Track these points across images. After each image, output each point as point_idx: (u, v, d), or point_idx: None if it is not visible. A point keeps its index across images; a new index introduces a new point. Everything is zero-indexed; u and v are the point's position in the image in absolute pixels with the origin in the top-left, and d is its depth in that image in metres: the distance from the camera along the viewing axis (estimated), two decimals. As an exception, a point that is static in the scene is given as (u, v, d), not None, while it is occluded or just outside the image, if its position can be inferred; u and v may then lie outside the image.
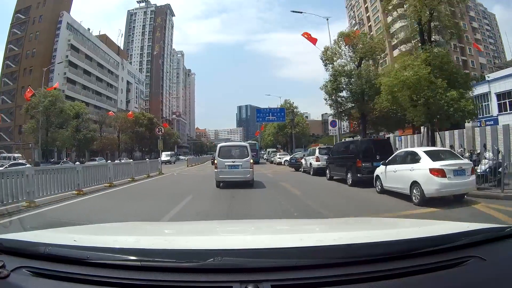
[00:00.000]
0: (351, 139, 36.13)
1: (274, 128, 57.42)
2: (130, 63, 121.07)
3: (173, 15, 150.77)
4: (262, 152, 60.12)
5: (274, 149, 54.63)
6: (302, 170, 24.04)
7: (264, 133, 70.21)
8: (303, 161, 23.84)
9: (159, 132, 27.84)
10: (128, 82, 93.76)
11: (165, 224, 4.41)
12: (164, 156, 48.31)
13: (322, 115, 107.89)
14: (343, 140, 31.19)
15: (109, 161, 32.12)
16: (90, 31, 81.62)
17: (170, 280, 1.36)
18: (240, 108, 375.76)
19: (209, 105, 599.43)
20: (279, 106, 49.04)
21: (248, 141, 53.99)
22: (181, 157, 74.28)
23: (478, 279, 1.42)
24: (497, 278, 1.42)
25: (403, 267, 1.43)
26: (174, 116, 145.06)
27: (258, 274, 1.36)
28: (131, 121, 59.43)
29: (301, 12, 35.13)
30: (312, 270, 1.38)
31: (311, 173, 21.26)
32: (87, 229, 2.50)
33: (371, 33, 77.62)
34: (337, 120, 29.63)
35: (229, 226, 2.92)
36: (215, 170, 14.00)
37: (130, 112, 59.12)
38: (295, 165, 26.31)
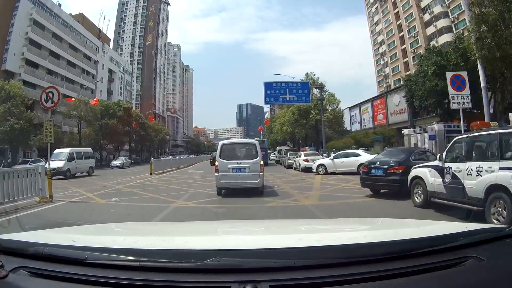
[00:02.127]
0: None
1: (293, 115, 37.98)
2: (120, 54, 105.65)
3: (168, 4, 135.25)
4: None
5: (287, 147, 38.87)
6: (423, 198, 8.11)
7: (274, 125, 51.47)
8: (431, 176, 7.88)
9: (47, 102, 11.77)
10: (111, 71, 77.77)
11: (164, 224, 3.98)
12: (56, 159, 21.87)
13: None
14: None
15: None
16: (69, 11, 66.47)
17: (169, 281, 1.30)
18: (240, 106, 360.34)
19: (209, 104, 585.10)
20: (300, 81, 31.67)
21: (256, 138, 39.09)
22: (170, 157, 58.57)
23: (477, 279, 1.36)
24: (495, 278, 1.37)
25: (402, 267, 1.37)
26: (169, 112, 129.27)
27: (257, 274, 1.31)
28: (98, 111, 43.46)
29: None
30: (311, 270, 1.33)
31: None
32: (86, 229, 2.43)
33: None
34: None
35: (228, 227, 2.82)
36: (216, 174, 10.95)
37: (95, 99, 43.50)
38: (380, 182, 10.21)
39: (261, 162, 11.08)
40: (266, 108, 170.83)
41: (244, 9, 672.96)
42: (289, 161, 27.11)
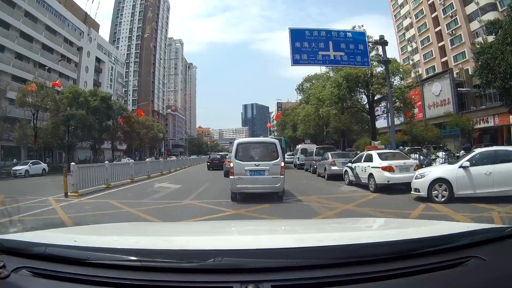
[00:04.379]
0: None
1: (339, 88, 22.14)
2: (117, 47, 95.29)
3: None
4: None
5: (313, 145, 27.73)
6: None
7: (297, 112, 36.29)
8: None
9: None
10: (99, 60, 67.25)
11: (166, 224, 3.74)
12: None
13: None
14: None
15: None
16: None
17: (171, 281, 1.29)
18: (245, 106, 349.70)
19: (214, 105, 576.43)
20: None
21: (270, 136, 29.43)
22: (128, 160, 47.81)
23: (479, 279, 1.34)
24: (497, 278, 1.34)
25: (404, 267, 1.35)
26: (169, 110, 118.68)
27: (259, 274, 1.29)
28: (66, 98, 32.68)
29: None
30: (312, 270, 1.31)
31: None
32: (88, 229, 2.43)
33: None
34: None
35: (230, 226, 2.76)
36: (231, 177, 9.83)
37: (57, 81, 32.94)
38: None
39: (282, 164, 9.75)
40: (272, 107, 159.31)
41: (248, 9, 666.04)
42: (333, 167, 15.69)
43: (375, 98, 22.65)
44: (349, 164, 13.99)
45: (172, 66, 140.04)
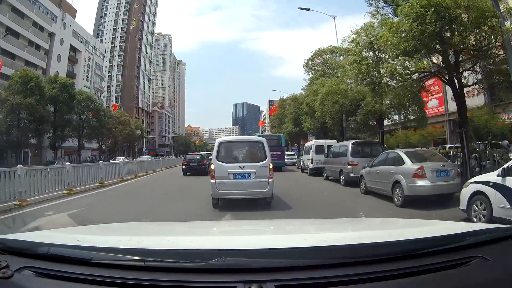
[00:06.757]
0: None
1: (419, 24, 9.52)
2: (101, 41, 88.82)
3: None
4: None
5: (333, 140, 20.38)
6: None
7: (314, 88, 24.67)
8: None
9: None
10: (74, 49, 60.80)
11: (169, 224, 3.50)
12: None
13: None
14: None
15: None
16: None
17: (174, 280, 1.29)
18: (236, 106, 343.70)
19: (204, 104, 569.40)
20: None
21: (267, 133, 28.32)
22: (142, 158, 41.76)
23: (482, 279, 1.33)
24: (501, 278, 1.34)
25: (407, 267, 1.35)
26: (155, 107, 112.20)
27: (262, 274, 1.29)
28: (15, 84, 26.52)
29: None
30: (315, 270, 1.32)
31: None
32: (91, 229, 2.40)
33: None
34: None
35: (233, 227, 2.81)
36: (212, 181, 8.80)
37: (-1, 63, 26.70)
38: None
39: (271, 166, 8.89)
40: (263, 107, 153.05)
41: (239, 8, 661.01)
42: (420, 182, 8.57)
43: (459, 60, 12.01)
44: (496, 179, 6.09)
45: (160, 62, 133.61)
